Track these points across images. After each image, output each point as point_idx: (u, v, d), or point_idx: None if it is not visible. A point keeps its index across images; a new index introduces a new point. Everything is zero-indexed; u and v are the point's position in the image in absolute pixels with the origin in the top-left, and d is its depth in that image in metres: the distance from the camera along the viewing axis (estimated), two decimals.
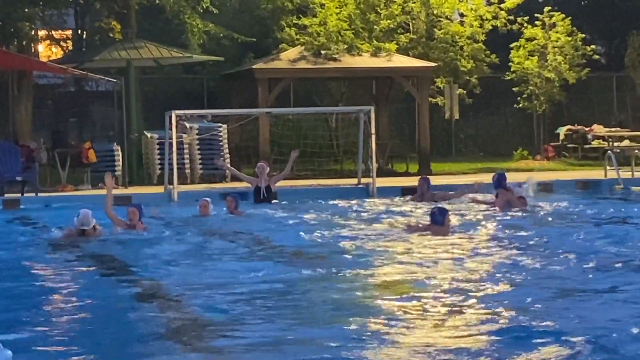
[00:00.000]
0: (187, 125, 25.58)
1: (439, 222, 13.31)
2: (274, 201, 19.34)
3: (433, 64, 29.43)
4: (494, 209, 16.60)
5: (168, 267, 11.10)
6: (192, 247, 12.96)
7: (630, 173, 22.93)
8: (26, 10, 26.61)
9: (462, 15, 32.15)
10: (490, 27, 31.11)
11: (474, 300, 8.40)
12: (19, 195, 21.66)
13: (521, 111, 32.54)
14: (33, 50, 30.44)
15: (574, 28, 31.88)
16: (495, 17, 31.09)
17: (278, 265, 10.97)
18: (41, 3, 27.48)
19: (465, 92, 30.87)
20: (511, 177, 23.42)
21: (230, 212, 16.88)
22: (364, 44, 29.25)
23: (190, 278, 10.12)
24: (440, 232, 13.14)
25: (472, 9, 31.32)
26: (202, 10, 29.23)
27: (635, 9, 36.90)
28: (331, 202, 19.20)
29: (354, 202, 19.31)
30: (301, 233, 14.11)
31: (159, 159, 24.98)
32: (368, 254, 11.70)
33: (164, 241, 13.56)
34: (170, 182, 20.97)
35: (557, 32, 31.78)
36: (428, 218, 13.86)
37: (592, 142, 31.60)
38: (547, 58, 31.61)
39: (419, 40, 30.92)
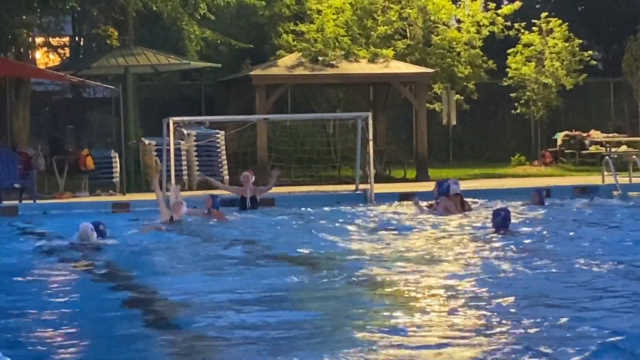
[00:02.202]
0: (185, 131, 25.57)
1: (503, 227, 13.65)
2: (272, 207, 19.36)
3: (430, 70, 29.44)
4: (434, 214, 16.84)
5: (153, 275, 11.11)
6: (180, 254, 12.94)
7: (627, 178, 22.95)
8: (24, 17, 26.59)
9: (459, 21, 32.15)
10: (488, 33, 31.12)
11: (477, 307, 8.40)
12: (17, 202, 21.68)
13: (518, 117, 32.53)
14: (30, 57, 30.37)
15: (571, 34, 31.90)
16: (492, 23, 31.11)
17: (270, 272, 10.94)
18: (39, 10, 27.46)
19: (462, 98, 30.87)
20: (509, 183, 23.50)
21: (208, 210, 16.95)
22: (361, 50, 29.26)
23: (184, 286, 10.12)
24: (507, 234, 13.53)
25: (469, 15, 31.34)
26: (199, 17, 29.23)
27: (632, 14, 36.91)
28: (328, 208, 19.19)
29: (351, 208, 19.30)
30: (297, 239, 14.10)
31: None
32: (366, 260, 11.69)
33: (143, 249, 13.51)
34: (168, 189, 20.93)
35: (554, 38, 31.81)
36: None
37: (590, 148, 31.59)
38: (545, 64, 31.63)
39: (416, 46, 30.92)
